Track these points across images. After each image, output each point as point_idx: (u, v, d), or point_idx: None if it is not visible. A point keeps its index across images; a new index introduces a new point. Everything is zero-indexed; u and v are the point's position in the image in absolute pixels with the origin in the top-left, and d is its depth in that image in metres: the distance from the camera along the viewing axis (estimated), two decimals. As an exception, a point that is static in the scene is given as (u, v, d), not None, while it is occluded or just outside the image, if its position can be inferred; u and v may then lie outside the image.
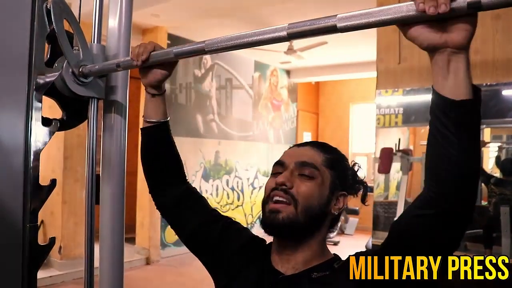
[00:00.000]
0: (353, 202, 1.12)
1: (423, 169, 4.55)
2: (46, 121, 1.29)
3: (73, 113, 1.38)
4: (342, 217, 7.29)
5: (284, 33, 0.85)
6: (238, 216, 7.50)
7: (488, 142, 4.18)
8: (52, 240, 1.27)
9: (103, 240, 1.35)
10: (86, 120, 1.33)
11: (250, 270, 1.07)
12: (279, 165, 1.07)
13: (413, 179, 4.47)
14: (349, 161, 1.15)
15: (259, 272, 1.05)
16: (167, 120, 1.24)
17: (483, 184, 4.14)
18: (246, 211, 7.80)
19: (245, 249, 1.13)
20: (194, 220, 1.18)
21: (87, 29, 1.27)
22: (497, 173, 4.08)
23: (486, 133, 4.39)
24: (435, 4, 0.65)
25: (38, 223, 1.24)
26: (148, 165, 1.25)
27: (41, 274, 5.22)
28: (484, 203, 4.18)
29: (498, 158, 4.28)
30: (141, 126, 1.24)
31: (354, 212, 7.71)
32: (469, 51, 0.73)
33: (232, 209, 7.48)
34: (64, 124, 1.38)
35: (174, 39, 6.14)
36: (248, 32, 0.91)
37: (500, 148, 4.49)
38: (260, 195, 7.91)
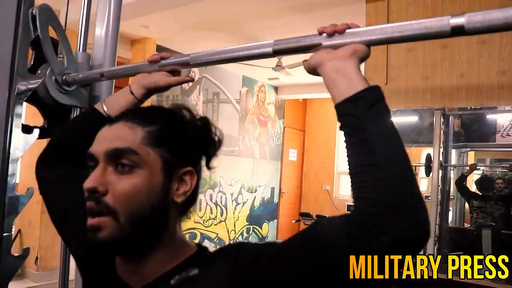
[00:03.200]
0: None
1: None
2: (26, 128, 1.27)
3: (55, 121, 1.36)
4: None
5: (269, 49, 0.85)
6: (220, 231, 7.44)
7: (476, 164, 4.23)
8: (26, 251, 1.24)
9: (80, 252, 1.32)
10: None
11: (99, 281, 0.87)
12: (89, 158, 0.79)
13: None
14: (194, 114, 0.89)
15: (107, 284, 0.84)
16: None
17: (466, 204, 4.19)
18: (229, 227, 7.74)
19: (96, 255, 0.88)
20: (76, 205, 0.93)
21: (73, 37, 1.26)
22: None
23: (470, 156, 4.44)
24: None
25: (15, 232, 1.21)
26: (67, 140, 1.08)
27: (15, 285, 5.06)
28: (467, 225, 4.21)
29: (479, 180, 4.35)
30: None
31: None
32: (358, 63, 0.75)
33: (215, 224, 7.41)
34: (46, 132, 1.35)
35: (162, 51, 6.11)
36: (234, 47, 0.91)
37: (483, 172, 4.55)
38: (244, 210, 7.88)
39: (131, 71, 1.10)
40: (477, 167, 4.20)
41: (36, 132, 1.28)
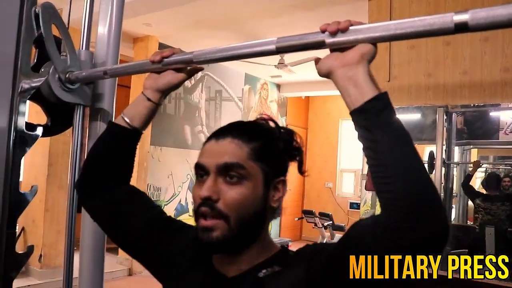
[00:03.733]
0: (340, 218, 1.05)
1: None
2: (30, 127, 1.27)
3: (59, 119, 1.36)
4: (328, 233, 7.28)
5: (272, 47, 0.85)
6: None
7: (480, 161, 4.21)
8: (30, 249, 1.25)
9: (84, 250, 1.33)
10: (71, 127, 1.31)
11: (192, 274, 0.97)
12: (200, 168, 0.90)
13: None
14: (280, 127, 0.99)
15: (202, 275, 0.95)
16: (142, 132, 1.10)
17: (469, 202, 4.17)
18: (232, 224, 7.75)
19: (189, 249, 1.00)
20: (138, 221, 1.04)
21: (76, 35, 1.26)
22: (483, 191, 4.12)
23: (473, 154, 4.43)
24: None
25: (19, 230, 1.22)
26: (100, 163, 1.08)
27: (19, 282, 5.08)
28: (470, 223, 4.20)
29: (485, 178, 4.33)
30: (134, 138, 1.09)
31: (340, 229, 7.70)
32: (368, 67, 0.77)
33: (218, 222, 7.42)
34: (49, 130, 1.36)
35: (165, 48, 6.11)
36: (236, 45, 0.91)
37: (487, 169, 4.53)
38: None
39: (134, 69, 1.10)
40: (481, 164, 4.17)
41: (39, 130, 1.28)
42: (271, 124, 0.99)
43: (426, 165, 3.81)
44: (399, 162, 0.71)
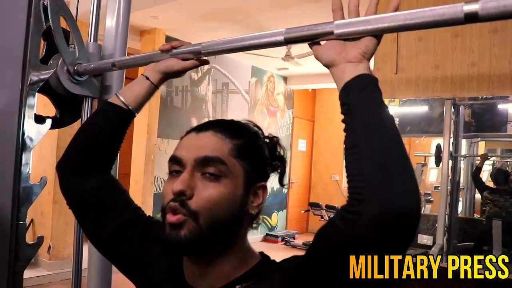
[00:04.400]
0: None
1: (417, 179, 4.56)
2: (39, 119, 1.28)
3: (67, 112, 1.37)
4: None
5: (281, 38, 0.85)
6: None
7: (487, 154, 4.19)
8: (40, 239, 1.26)
9: (92, 241, 1.34)
10: (80, 119, 1.32)
11: (164, 285, 0.89)
12: (174, 162, 0.84)
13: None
14: (265, 134, 0.93)
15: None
16: (135, 115, 1.05)
17: (476, 195, 4.16)
18: (239, 216, 7.77)
19: (164, 258, 0.92)
20: (117, 217, 0.96)
21: (84, 28, 1.26)
22: (490, 184, 4.11)
23: (481, 147, 4.41)
24: None
25: (28, 222, 1.23)
26: (88, 143, 1.02)
27: (29, 273, 5.14)
28: (477, 216, 4.19)
29: (493, 171, 4.31)
30: (126, 119, 1.05)
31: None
32: (368, 64, 0.76)
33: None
34: (58, 122, 1.37)
35: (171, 41, 6.13)
36: (245, 36, 0.91)
37: (494, 162, 4.51)
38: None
39: (142, 60, 1.11)
40: (488, 157, 4.15)
41: (48, 122, 1.29)
42: (256, 129, 0.92)
43: (433, 158, 3.80)
44: (371, 132, 0.68)
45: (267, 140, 0.92)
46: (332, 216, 0.71)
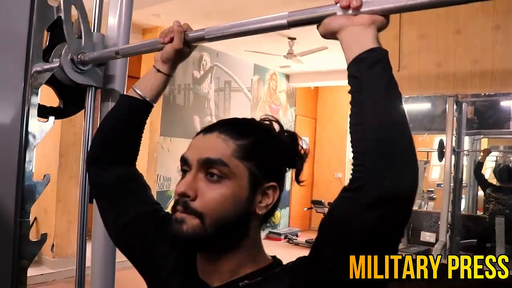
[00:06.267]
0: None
1: (419, 177, 4.56)
2: (42, 110, 1.29)
3: (71, 102, 1.38)
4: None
5: (284, 21, 0.84)
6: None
7: (489, 149, 4.18)
8: (44, 237, 1.27)
9: (96, 239, 1.34)
10: (83, 110, 1.32)
11: (176, 279, 0.90)
12: (183, 162, 0.86)
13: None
14: (283, 130, 0.91)
15: (185, 281, 0.89)
16: (153, 106, 1.09)
17: (479, 192, 4.15)
18: (241, 214, 7.78)
19: (173, 253, 0.94)
20: (135, 209, 1.00)
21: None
22: (493, 181, 4.10)
23: (484, 144, 4.40)
24: None
25: (31, 220, 1.23)
26: (109, 134, 1.06)
27: (32, 271, 5.13)
28: (479, 213, 4.18)
29: (496, 168, 4.30)
30: (143, 110, 1.08)
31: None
32: (376, 30, 0.75)
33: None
34: (61, 113, 1.37)
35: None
36: (248, 20, 0.91)
37: (497, 158, 4.50)
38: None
39: (146, 48, 1.11)
40: (491, 151, 4.14)
41: (51, 119, 1.30)
42: (276, 126, 0.91)
43: (435, 155, 3.79)
44: (378, 109, 0.69)
45: (286, 134, 0.91)
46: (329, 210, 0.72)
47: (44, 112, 1.29)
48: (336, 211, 0.70)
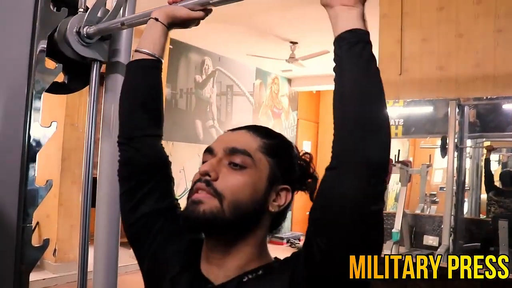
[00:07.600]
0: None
1: (422, 180, 4.56)
2: (55, 85, 1.28)
3: (75, 78, 1.38)
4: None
5: None
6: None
7: (492, 146, 4.16)
8: (46, 242, 1.26)
9: (98, 244, 1.34)
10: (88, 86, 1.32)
11: (182, 277, 0.91)
12: (208, 152, 0.89)
13: (411, 190, 4.45)
14: (299, 150, 0.96)
15: (190, 280, 0.89)
16: (162, 61, 1.09)
17: (482, 195, 4.13)
18: (244, 218, 7.77)
19: (187, 250, 0.95)
20: (156, 202, 0.99)
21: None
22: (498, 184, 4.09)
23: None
24: None
25: (34, 224, 1.23)
26: (129, 103, 1.06)
27: (34, 276, 5.13)
28: (482, 216, 4.17)
29: (500, 173, 4.29)
30: (155, 67, 1.09)
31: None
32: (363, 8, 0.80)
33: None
34: (65, 88, 1.37)
35: (176, 44, 6.15)
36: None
37: (500, 158, 4.49)
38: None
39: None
40: (494, 148, 4.11)
41: (54, 125, 1.30)
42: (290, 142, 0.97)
43: (438, 158, 3.77)
44: (355, 83, 0.75)
45: (301, 155, 0.95)
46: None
47: (49, 87, 1.28)
48: (319, 191, 0.77)
